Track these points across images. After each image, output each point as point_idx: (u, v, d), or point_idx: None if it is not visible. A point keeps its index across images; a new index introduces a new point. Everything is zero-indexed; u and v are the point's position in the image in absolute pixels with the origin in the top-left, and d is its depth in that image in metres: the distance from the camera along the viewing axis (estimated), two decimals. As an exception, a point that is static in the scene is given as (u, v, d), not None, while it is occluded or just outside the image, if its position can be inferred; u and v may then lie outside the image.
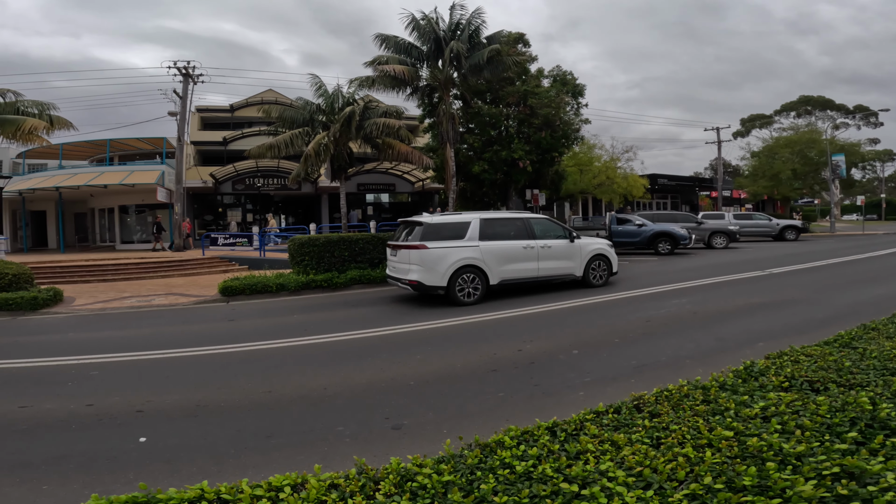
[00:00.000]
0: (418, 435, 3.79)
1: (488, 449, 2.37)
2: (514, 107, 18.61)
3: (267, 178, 27.37)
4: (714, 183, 41.45)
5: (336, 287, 12.08)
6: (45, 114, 13.70)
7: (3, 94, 13.22)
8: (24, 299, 10.23)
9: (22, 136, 13.09)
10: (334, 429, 3.93)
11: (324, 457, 3.40)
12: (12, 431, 4.08)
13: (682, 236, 18.72)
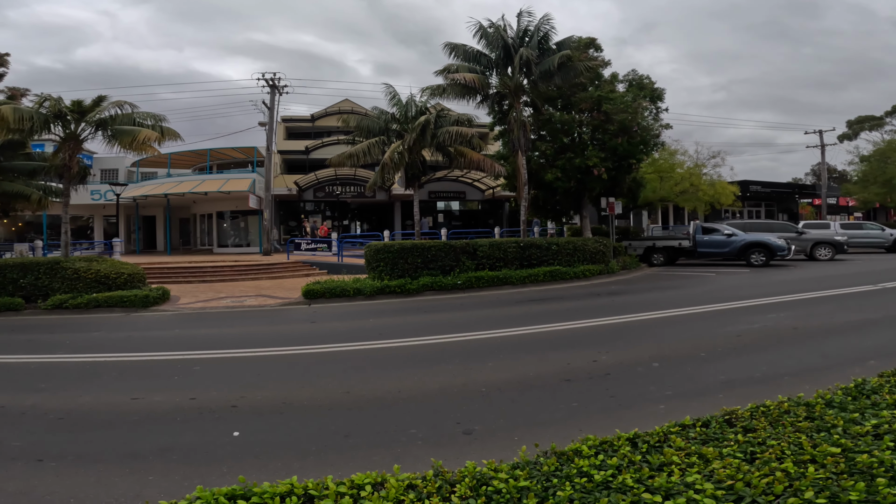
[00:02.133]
0: (489, 441, 3.81)
1: (565, 457, 2.35)
2: (587, 113, 18.12)
3: (345, 185, 28.60)
4: (817, 190, 37.77)
5: (408, 293, 12.40)
6: (157, 125, 14.73)
7: (121, 106, 14.42)
8: (137, 297, 11.53)
9: (137, 147, 14.32)
10: (407, 431, 4.03)
11: (397, 458, 3.49)
12: (125, 422, 4.41)
13: (779, 247, 17.20)
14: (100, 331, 9.10)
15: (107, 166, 31.14)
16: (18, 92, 17.10)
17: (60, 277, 11.85)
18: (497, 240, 15.10)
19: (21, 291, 11.76)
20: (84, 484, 3.26)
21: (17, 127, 12.65)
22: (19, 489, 3.22)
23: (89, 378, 5.80)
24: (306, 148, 31.17)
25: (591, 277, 14.83)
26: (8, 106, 12.90)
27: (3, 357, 6.90)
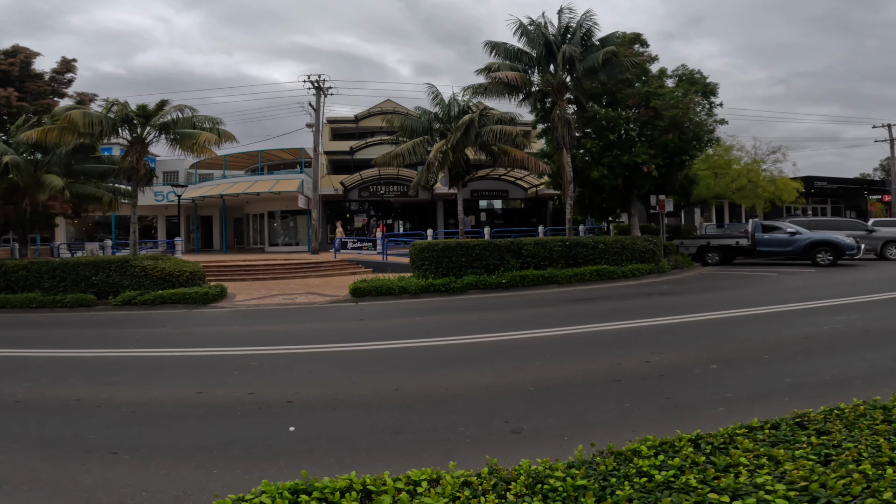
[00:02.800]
0: (538, 440, 3.79)
1: (622, 457, 2.34)
2: (634, 109, 17.66)
3: (388, 185, 29.07)
4: (886, 185, 35.23)
5: (453, 291, 12.47)
6: (214, 128, 15.31)
7: (181, 110, 15.13)
8: (198, 294, 12.18)
9: (197, 149, 15.05)
10: (456, 429, 4.05)
11: (446, 455, 3.52)
12: (191, 416, 4.58)
13: (848, 245, 16.10)
14: (165, 326, 9.67)
15: (168, 168, 33.06)
16: (87, 97, 17.99)
17: (129, 275, 12.69)
18: (542, 238, 14.94)
19: (93, 288, 12.69)
20: (155, 477, 3.40)
21: (87, 131, 13.59)
22: (95, 482, 3.35)
23: (158, 372, 6.13)
24: (351, 148, 31.88)
25: (640, 277, 14.41)
26: (78, 111, 13.89)
27: (79, 351, 7.44)
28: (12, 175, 13.93)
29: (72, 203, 16.59)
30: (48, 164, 14.86)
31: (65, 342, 8.16)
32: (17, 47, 17.91)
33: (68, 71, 18.73)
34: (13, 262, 13.44)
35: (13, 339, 8.60)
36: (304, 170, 29.39)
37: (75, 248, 26.14)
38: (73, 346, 7.74)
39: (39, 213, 15.81)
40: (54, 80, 18.39)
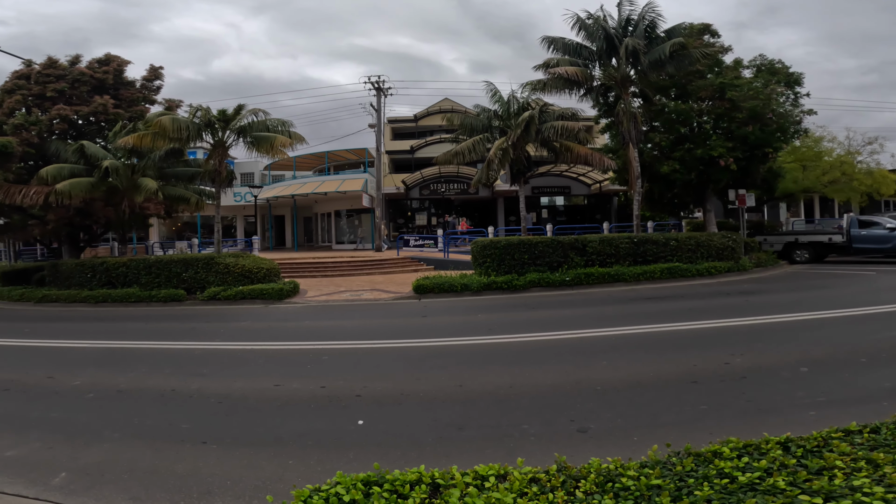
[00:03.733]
0: (605, 440, 3.73)
1: (701, 458, 2.28)
2: (707, 101, 16.78)
3: (448, 183, 29.35)
4: None
5: (515, 289, 12.39)
6: (286, 130, 16.12)
7: (256, 114, 16.07)
8: (274, 290, 12.96)
9: (272, 151, 16.03)
10: (519, 426, 4.05)
11: (510, 452, 3.53)
12: (270, 407, 4.78)
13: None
14: (245, 321, 10.34)
15: (245, 170, 35.32)
16: (174, 103, 19.11)
17: (214, 272, 13.75)
18: (607, 235, 14.49)
19: (183, 284, 13.86)
20: (238, 466, 3.58)
21: (176, 136, 14.82)
22: (188, 471, 3.54)
23: (240, 364, 6.56)
24: (411, 147, 32.45)
25: (717, 275, 13.60)
26: (167, 117, 15.14)
27: (173, 344, 8.11)
28: (112, 179, 15.43)
29: (164, 204, 18.02)
30: (143, 167, 16.24)
31: (160, 335, 8.93)
32: (109, 55, 18.85)
33: (156, 78, 19.75)
34: (114, 260, 14.98)
35: (117, 332, 9.51)
36: (367, 169, 30.31)
37: (167, 246, 28.67)
38: (168, 339, 8.45)
39: (137, 214, 17.29)
40: (144, 87, 19.45)
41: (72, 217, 16.79)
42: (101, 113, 17.27)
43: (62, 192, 14.47)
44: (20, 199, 15.20)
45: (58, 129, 17.41)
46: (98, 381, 5.82)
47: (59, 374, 6.21)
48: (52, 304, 14.21)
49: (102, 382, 5.77)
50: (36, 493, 3.24)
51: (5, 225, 17.89)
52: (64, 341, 8.40)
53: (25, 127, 16.16)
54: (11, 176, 15.93)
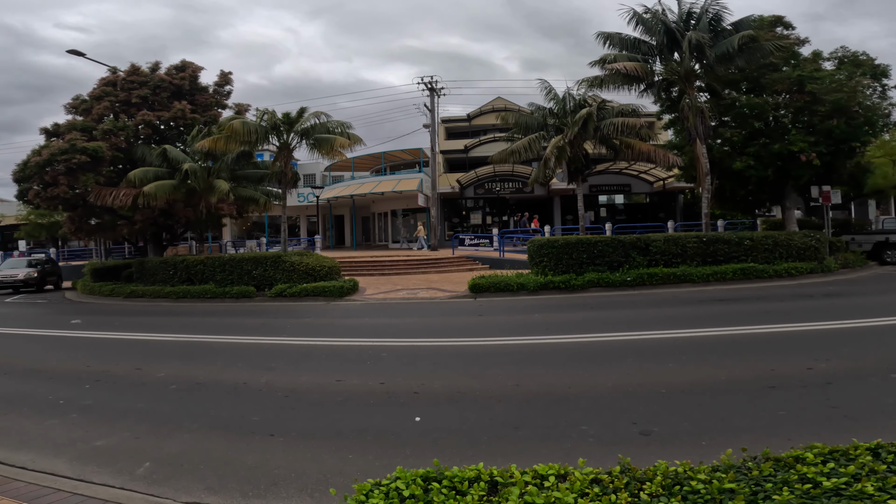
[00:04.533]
0: (670, 443, 3.59)
1: (781, 463, 2.16)
2: (784, 95, 15.91)
3: (503, 182, 29.19)
4: None
5: (573, 289, 12.14)
6: (345, 132, 16.70)
7: (318, 117, 16.71)
8: (335, 288, 13.46)
9: (333, 153, 16.66)
10: (578, 427, 3.98)
11: (567, 453, 3.46)
12: (331, 402, 4.91)
13: None
14: (309, 317, 10.79)
15: (306, 171, 36.88)
16: (243, 107, 20.17)
17: (281, 269, 14.49)
18: (673, 234, 13.89)
19: (253, 281, 14.70)
20: (302, 459, 3.69)
21: (246, 139, 15.71)
22: (256, 462, 3.66)
23: (305, 360, 6.85)
24: (465, 147, 32.50)
25: (797, 276, 12.68)
26: (238, 120, 16.07)
27: (245, 338, 8.56)
28: (190, 181, 16.60)
29: (236, 205, 19.15)
30: (217, 170, 17.35)
31: (233, 330, 9.48)
32: (185, 62, 20.07)
33: (227, 83, 20.86)
34: (193, 258, 16.14)
35: (195, 327, 10.20)
36: (422, 169, 30.69)
37: (238, 245, 30.49)
38: (240, 334, 8.96)
39: (212, 214, 18.45)
40: (216, 92, 20.61)
41: (156, 217, 18.21)
42: (180, 118, 18.59)
43: (148, 193, 15.73)
44: (111, 200, 16.69)
45: (143, 134, 18.88)
46: (179, 374, 6.19)
47: (145, 366, 6.62)
48: (138, 299, 15.52)
49: (183, 375, 6.13)
50: (122, 483, 3.41)
51: (98, 225, 19.61)
52: (149, 335, 9.12)
53: (114, 132, 17.67)
54: (102, 179, 17.44)
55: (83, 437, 4.23)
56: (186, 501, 3.10)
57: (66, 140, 16.83)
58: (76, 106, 18.81)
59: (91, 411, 4.93)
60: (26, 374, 6.59)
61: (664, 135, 20.97)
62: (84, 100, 18.86)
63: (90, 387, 5.77)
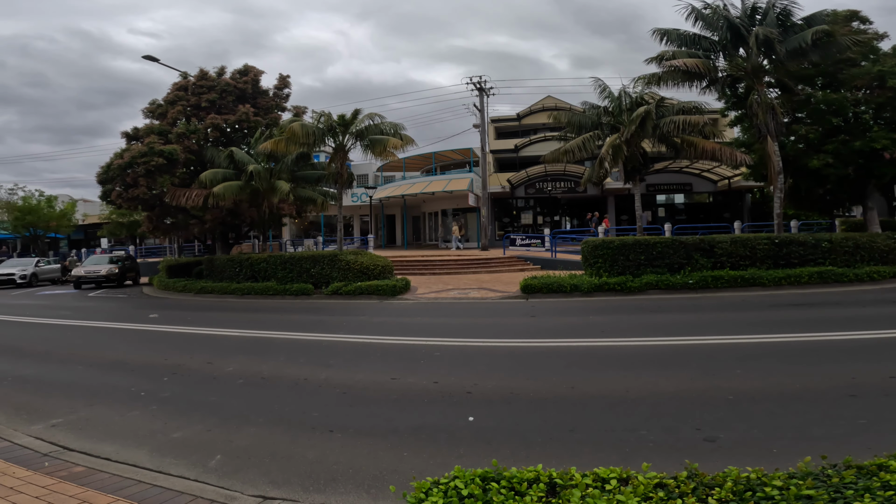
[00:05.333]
0: (738, 451, 3.43)
1: (864, 471, 2.04)
2: (864, 90, 15.02)
3: (555, 181, 28.73)
4: None
5: (629, 291, 11.78)
6: (397, 133, 17.01)
7: (372, 118, 17.07)
8: (388, 286, 13.75)
9: (386, 154, 17.02)
10: (636, 432, 3.89)
11: (625, 457, 3.38)
12: (387, 400, 4.97)
13: None
14: (364, 315, 11.06)
15: (359, 172, 37.81)
16: (300, 110, 20.85)
17: (337, 268, 14.96)
18: (741, 235, 13.23)
19: (311, 279, 15.26)
20: (359, 455, 3.75)
21: (305, 141, 16.31)
22: (316, 457, 3.76)
23: (361, 357, 6.99)
24: (515, 146, 32.25)
25: (880, 281, 11.72)
26: (297, 123, 16.72)
27: (305, 335, 8.87)
28: (254, 182, 17.48)
29: (295, 205, 19.97)
30: (279, 171, 18.13)
31: (294, 326, 9.81)
32: (247, 66, 20.91)
33: (285, 87, 21.62)
34: (256, 257, 17.00)
35: (259, 322, 10.59)
36: (472, 169, 30.74)
37: (296, 244, 31.78)
38: (300, 330, 9.27)
39: (274, 214, 19.36)
40: (276, 95, 21.41)
41: (224, 217, 19.32)
42: (244, 121, 19.57)
43: (218, 194, 16.72)
44: (184, 200, 17.85)
45: (211, 137, 20.07)
46: (246, 368, 6.40)
47: (216, 360, 6.93)
48: (208, 294, 16.50)
49: (249, 369, 6.34)
50: (196, 475, 3.53)
51: (172, 224, 21.03)
52: (218, 330, 9.62)
53: (187, 135, 18.90)
54: (177, 180, 18.60)
55: (162, 429, 4.45)
56: (253, 494, 3.21)
57: (144, 143, 18.13)
58: (153, 110, 20.15)
59: (168, 403, 5.19)
60: (112, 366, 7.02)
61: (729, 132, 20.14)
62: (160, 104, 20.13)
63: (168, 379, 6.09)
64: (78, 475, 3.38)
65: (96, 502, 2.97)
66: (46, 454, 3.76)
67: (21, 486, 3.17)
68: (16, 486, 3.18)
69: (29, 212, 33.43)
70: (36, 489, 3.15)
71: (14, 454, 3.72)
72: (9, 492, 3.09)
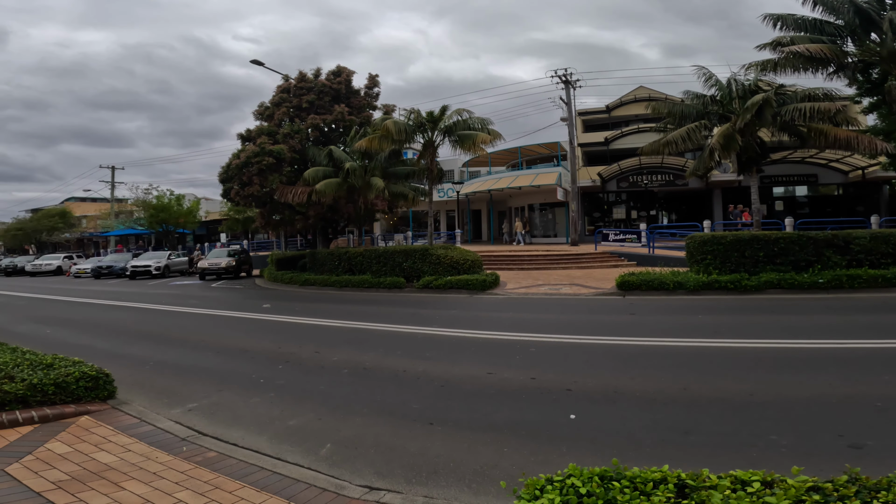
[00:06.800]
0: (890, 459, 3.09)
1: None
2: None
3: (651, 174, 27.15)
4: None
5: (744, 290, 10.82)
6: (484, 128, 17.13)
7: (460, 114, 17.28)
8: (477, 281, 13.81)
9: (474, 149, 17.15)
10: (765, 437, 3.61)
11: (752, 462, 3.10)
12: (484, 394, 4.96)
13: None
14: (455, 309, 11.18)
15: (445, 168, 38.32)
16: (390, 108, 21.51)
17: (428, 262, 15.33)
18: (881, 231, 11.54)
19: (403, 272, 15.78)
20: (459, 449, 3.76)
21: (397, 138, 16.85)
22: (418, 450, 3.81)
23: (457, 351, 6.97)
24: (605, 139, 30.89)
25: None
26: (390, 120, 17.31)
27: (400, 327, 9.04)
28: (350, 179, 18.41)
29: (388, 201, 20.64)
30: (372, 168, 18.95)
31: (390, 318, 10.07)
32: (340, 67, 21.78)
33: (375, 86, 22.40)
34: (353, 250, 17.93)
35: (358, 314, 11.05)
36: (560, 163, 29.95)
37: (387, 238, 33.09)
38: (396, 323, 9.31)
39: (368, 210, 20.26)
40: (367, 94, 22.21)
41: (325, 213, 20.61)
42: (340, 120, 20.70)
43: (319, 191, 17.88)
44: (290, 197, 19.29)
45: (312, 136, 21.42)
46: (350, 359, 6.62)
47: (322, 350, 7.23)
48: (310, 286, 17.67)
49: (353, 360, 6.55)
50: (309, 463, 3.65)
51: (280, 219, 22.81)
52: (322, 320, 10.15)
53: (291, 135, 20.39)
54: (284, 178, 20.06)
55: (280, 416, 4.66)
56: (360, 484, 3.29)
57: (256, 144, 19.78)
58: (261, 112, 21.90)
59: (284, 391, 5.43)
60: (236, 353, 7.42)
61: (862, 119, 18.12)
62: (266, 106, 21.81)
63: (282, 367, 6.37)
64: (211, 460, 3.60)
65: (226, 488, 3.16)
66: (184, 439, 4.03)
67: (163, 472, 3.40)
68: (158, 471, 3.41)
69: (161, 209, 38.10)
70: (176, 474, 3.36)
71: (157, 438, 4.01)
72: (153, 477, 3.31)
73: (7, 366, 4.70)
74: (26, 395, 4.38)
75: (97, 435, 3.98)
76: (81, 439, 3.88)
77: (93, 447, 3.73)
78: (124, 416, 4.50)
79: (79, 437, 3.94)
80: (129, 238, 49.54)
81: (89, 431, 4.06)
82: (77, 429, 4.12)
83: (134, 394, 5.28)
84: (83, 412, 4.48)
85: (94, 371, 4.86)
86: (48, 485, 3.13)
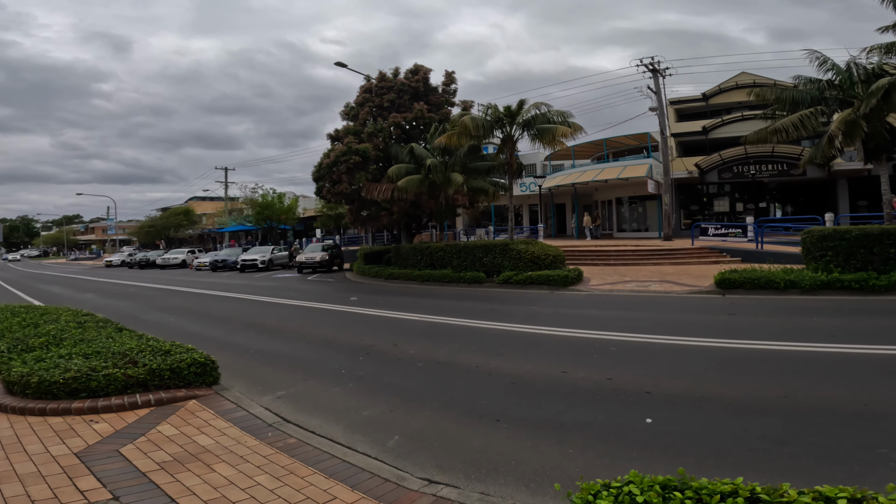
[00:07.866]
0: None
1: None
2: None
3: (759, 164, 24.59)
4: None
5: (871, 290, 9.54)
6: (565, 121, 16.59)
7: (538, 107, 16.82)
8: (559, 276, 13.45)
9: (554, 143, 16.69)
10: (874, 450, 3.31)
11: (854, 476, 2.85)
12: (556, 393, 4.87)
13: None
14: (534, 305, 10.98)
15: (527, 162, 37.52)
16: (468, 104, 21.63)
17: (508, 257, 15.22)
18: None
19: (483, 267, 15.80)
20: (522, 448, 3.74)
21: (476, 133, 16.85)
22: (481, 446, 3.81)
23: (531, 348, 6.79)
24: (703, 128, 28.42)
25: None
26: (468, 116, 17.36)
27: (477, 322, 9.07)
28: (431, 175, 18.75)
29: (468, 196, 20.87)
30: (452, 164, 19.14)
31: (467, 313, 10.10)
32: (417, 65, 22.16)
33: (452, 83, 22.58)
34: (435, 245, 18.30)
35: (436, 308, 11.19)
36: (650, 154, 28.14)
37: (469, 233, 33.35)
38: (473, 318, 9.31)
39: (449, 205, 20.55)
40: (444, 91, 22.44)
41: (408, 208, 21.26)
42: (420, 118, 21.13)
43: (402, 187, 18.46)
44: (376, 194, 20.13)
45: (394, 135, 22.07)
46: (425, 352, 6.75)
47: (400, 343, 7.35)
48: (394, 280, 18.33)
49: (428, 353, 6.68)
50: (376, 454, 3.74)
51: (367, 215, 23.88)
52: (402, 313, 10.44)
53: (375, 134, 21.21)
54: (369, 176, 20.95)
55: (355, 407, 4.81)
56: (420, 477, 3.34)
57: (344, 143, 20.84)
58: (347, 112, 22.93)
59: (362, 382, 5.61)
60: (324, 344, 7.78)
61: None
62: (352, 106, 22.78)
63: (362, 359, 6.56)
64: (290, 447, 3.79)
65: (299, 473, 3.35)
66: (271, 425, 4.24)
67: (248, 455, 3.62)
68: (245, 454, 3.64)
69: (266, 207, 41.70)
70: (259, 458, 3.56)
71: (248, 423, 4.25)
72: (239, 460, 3.53)
73: (132, 351, 5.32)
74: (146, 379, 4.89)
75: (200, 419, 4.40)
76: (187, 422, 4.31)
77: (195, 430, 4.14)
78: (224, 401, 4.83)
79: (185, 419, 4.37)
80: (240, 234, 54.85)
81: (194, 415, 4.49)
82: (185, 412, 4.56)
83: (235, 380, 5.64)
84: (192, 396, 4.95)
85: (203, 358, 5.32)
86: (153, 465, 3.45)
